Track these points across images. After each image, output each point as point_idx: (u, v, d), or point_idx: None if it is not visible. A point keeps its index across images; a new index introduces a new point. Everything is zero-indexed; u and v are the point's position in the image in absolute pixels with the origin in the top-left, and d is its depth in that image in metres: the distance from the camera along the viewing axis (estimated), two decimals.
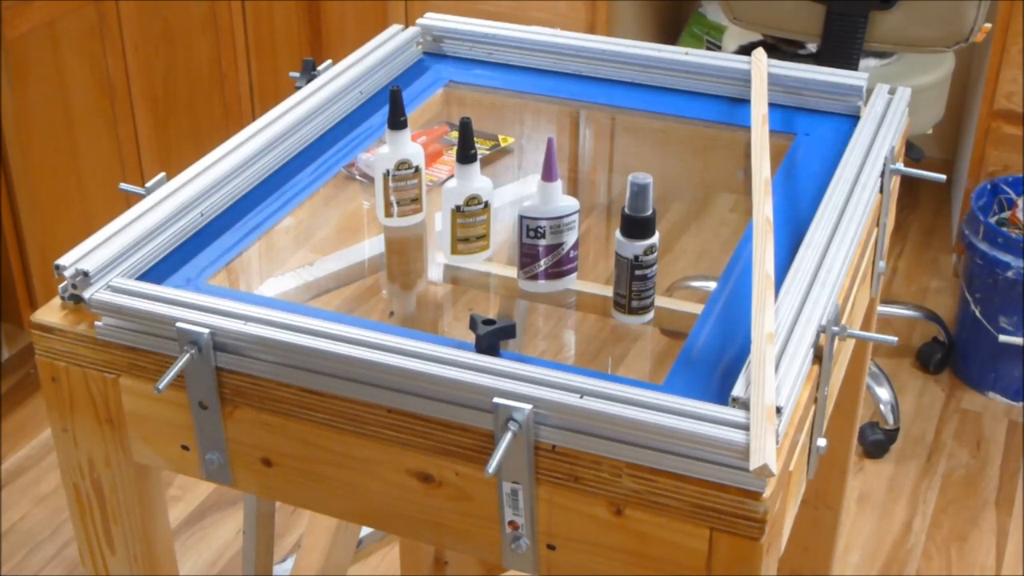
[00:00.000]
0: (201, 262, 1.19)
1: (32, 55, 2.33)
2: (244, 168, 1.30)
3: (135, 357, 1.10)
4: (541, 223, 1.21)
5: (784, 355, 1.01)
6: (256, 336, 1.05)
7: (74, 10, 2.40)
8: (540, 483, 1.01)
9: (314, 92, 1.43)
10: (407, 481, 1.06)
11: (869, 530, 2.28)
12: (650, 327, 1.22)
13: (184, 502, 2.31)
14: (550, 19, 2.92)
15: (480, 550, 1.07)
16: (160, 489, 1.22)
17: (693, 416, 0.95)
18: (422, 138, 1.44)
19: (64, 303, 1.13)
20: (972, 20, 2.17)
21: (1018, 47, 2.64)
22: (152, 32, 2.60)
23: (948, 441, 2.49)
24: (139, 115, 2.61)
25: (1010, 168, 2.74)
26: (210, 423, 1.10)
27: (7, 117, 2.29)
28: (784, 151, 1.37)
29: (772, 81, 1.46)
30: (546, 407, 0.97)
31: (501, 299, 1.40)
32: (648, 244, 1.17)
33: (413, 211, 1.34)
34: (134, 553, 1.22)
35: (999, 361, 2.57)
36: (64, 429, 1.17)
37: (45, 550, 2.21)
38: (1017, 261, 2.46)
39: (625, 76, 1.53)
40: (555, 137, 1.23)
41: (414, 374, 1.00)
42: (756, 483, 0.94)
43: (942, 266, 3.03)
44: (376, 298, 1.40)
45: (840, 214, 1.21)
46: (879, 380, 2.48)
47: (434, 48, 1.60)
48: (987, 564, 2.21)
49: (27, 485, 2.35)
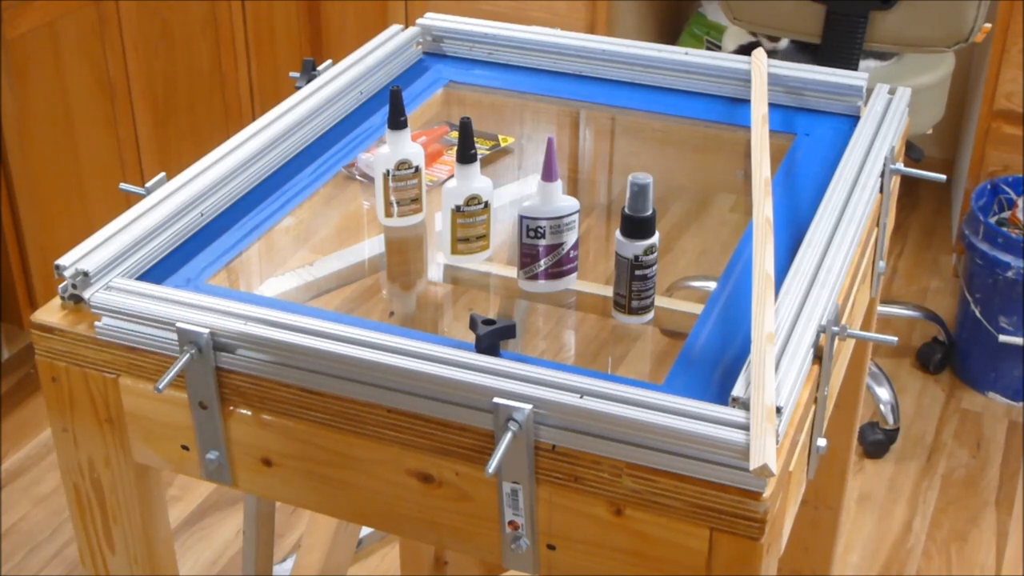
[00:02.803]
0: (201, 262, 1.19)
1: (32, 55, 2.33)
2: (244, 168, 1.30)
3: (135, 357, 1.10)
4: (541, 223, 1.21)
5: (784, 355, 1.01)
6: (256, 336, 1.05)
7: (74, 10, 2.40)
8: (540, 483, 1.01)
9: (314, 92, 1.43)
10: (407, 481, 1.06)
11: (869, 530, 2.28)
12: (650, 327, 1.22)
13: (184, 502, 2.31)
14: (550, 19, 2.92)
15: (480, 550, 1.07)
16: (160, 489, 1.22)
17: (693, 416, 0.95)
18: (422, 138, 1.44)
19: (64, 303, 1.13)
20: (972, 20, 2.17)
21: (1018, 47, 2.64)
22: (152, 32, 2.60)
23: (948, 441, 2.49)
24: (139, 115, 2.61)
25: (1010, 168, 2.74)
26: (210, 423, 1.10)
27: (7, 117, 2.29)
28: (784, 151, 1.37)
29: (772, 81, 1.46)
30: (546, 407, 0.97)
31: (501, 299, 1.40)
32: (648, 244, 1.17)
33: (413, 211, 1.34)
34: (134, 553, 1.22)
35: (999, 361, 2.57)
36: (64, 429, 1.17)
37: (45, 550, 2.21)
38: (1017, 261, 2.46)
39: (625, 76, 1.53)
40: (555, 137, 1.23)
41: (414, 374, 1.00)
42: (756, 483, 0.94)
43: (942, 266, 3.03)
44: (376, 298, 1.39)
45: (840, 214, 1.21)
46: (879, 380, 2.48)
47: (434, 48, 1.60)
48: (987, 564, 2.21)
49: (27, 485, 2.35)
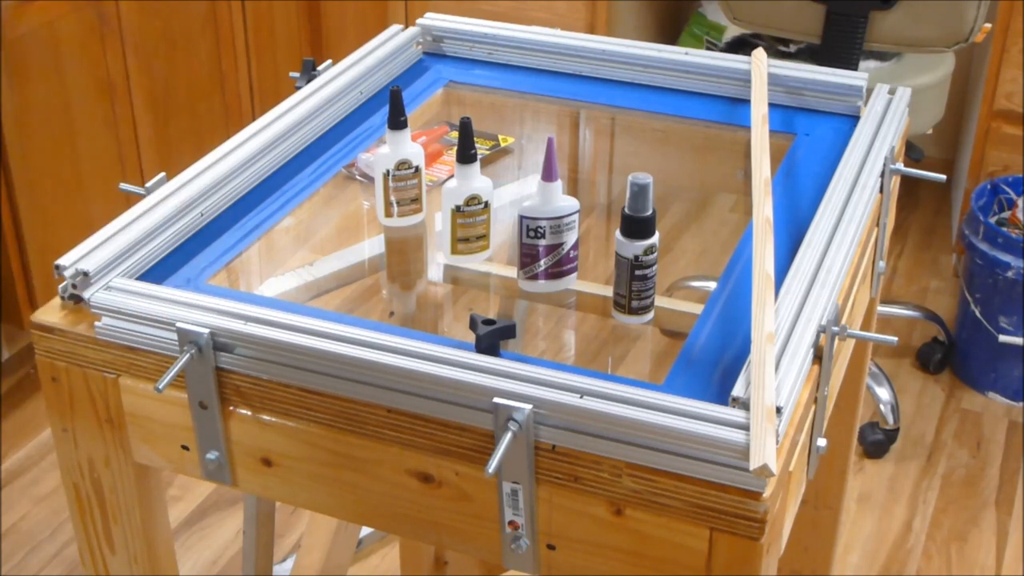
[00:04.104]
0: (201, 262, 1.19)
1: (32, 55, 2.33)
2: (244, 168, 1.30)
3: (135, 357, 1.10)
4: (541, 223, 1.21)
5: (784, 355, 1.01)
6: (256, 336, 1.05)
7: (74, 10, 2.40)
8: (540, 483, 1.01)
9: (314, 92, 1.43)
10: (407, 481, 1.06)
11: (869, 530, 2.28)
12: (650, 327, 1.22)
13: (184, 502, 2.31)
14: (550, 19, 2.92)
15: (480, 550, 1.07)
16: (160, 489, 1.22)
17: (693, 416, 0.95)
18: (422, 138, 1.44)
19: (64, 303, 1.13)
20: (972, 20, 2.17)
21: (1018, 47, 2.64)
22: (152, 32, 2.60)
23: (948, 441, 2.49)
24: (139, 115, 2.61)
25: (1010, 168, 2.74)
26: (210, 423, 1.10)
27: (7, 117, 2.29)
28: (784, 151, 1.37)
29: (772, 81, 1.46)
30: (546, 407, 0.97)
31: (501, 299, 1.40)
32: (648, 244, 1.17)
33: (413, 211, 1.34)
34: (134, 553, 1.22)
35: (999, 361, 2.57)
36: (64, 429, 1.17)
37: (45, 550, 2.21)
38: (1017, 261, 2.46)
39: (625, 76, 1.53)
40: (555, 137, 1.23)
41: (414, 374, 1.00)
42: (756, 483, 0.94)
43: (942, 266, 3.03)
44: (376, 298, 1.39)
45: (840, 214, 1.21)
46: (879, 380, 2.48)
47: (434, 48, 1.60)
48: (987, 564, 2.21)
49: (27, 485, 2.35)
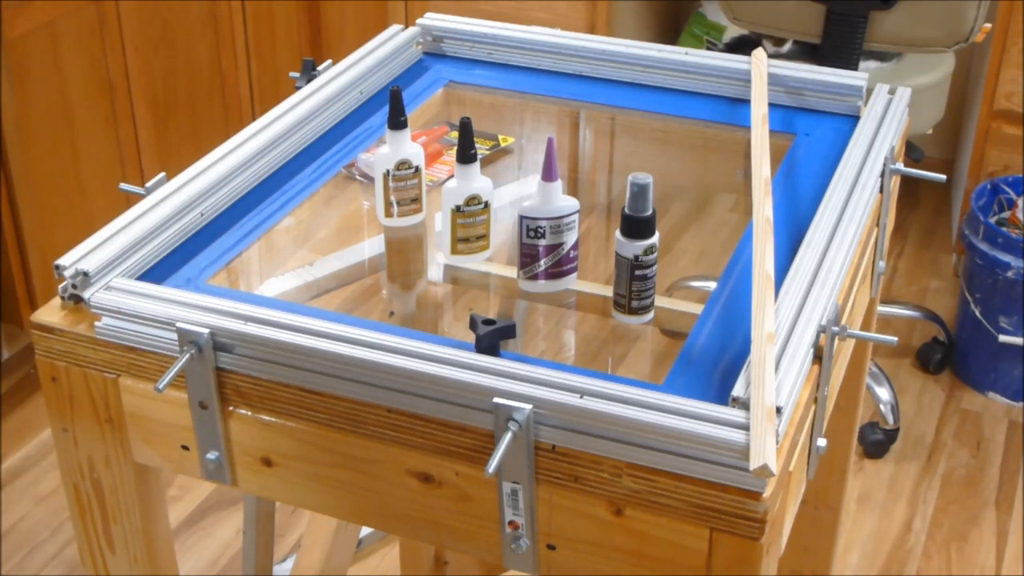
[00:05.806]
0: (201, 262, 1.19)
1: (32, 55, 2.33)
2: (244, 168, 1.30)
3: (135, 357, 1.10)
4: (541, 223, 1.21)
5: (784, 355, 1.01)
6: (256, 336, 1.05)
7: (74, 10, 2.40)
8: (540, 483, 1.01)
9: (314, 92, 1.43)
10: (407, 481, 1.06)
11: (869, 530, 2.28)
12: (650, 327, 1.22)
13: (184, 502, 2.31)
14: (550, 19, 2.92)
15: (480, 550, 1.07)
16: (160, 489, 1.22)
17: (693, 416, 0.95)
18: (422, 138, 1.44)
19: (64, 303, 1.13)
20: (972, 20, 2.17)
21: (1018, 47, 2.64)
22: (152, 32, 2.60)
23: (948, 441, 2.49)
24: (139, 115, 2.61)
25: (1010, 168, 2.74)
26: (210, 423, 1.10)
27: (7, 117, 2.29)
28: (784, 151, 1.37)
29: (772, 81, 1.46)
30: (546, 407, 0.97)
31: (501, 299, 1.40)
32: (648, 244, 1.17)
33: (413, 211, 1.34)
34: (134, 553, 1.22)
35: (999, 361, 2.57)
36: (64, 429, 1.17)
37: (45, 550, 2.21)
38: (1017, 261, 2.46)
39: (625, 76, 1.53)
40: (555, 137, 1.23)
41: (414, 374, 1.00)
42: (756, 483, 0.94)
43: (942, 266, 3.03)
44: (376, 298, 1.39)
45: (840, 214, 1.21)
46: (879, 380, 2.48)
47: (434, 48, 1.60)
48: (987, 564, 2.21)
49: (27, 485, 2.35)
